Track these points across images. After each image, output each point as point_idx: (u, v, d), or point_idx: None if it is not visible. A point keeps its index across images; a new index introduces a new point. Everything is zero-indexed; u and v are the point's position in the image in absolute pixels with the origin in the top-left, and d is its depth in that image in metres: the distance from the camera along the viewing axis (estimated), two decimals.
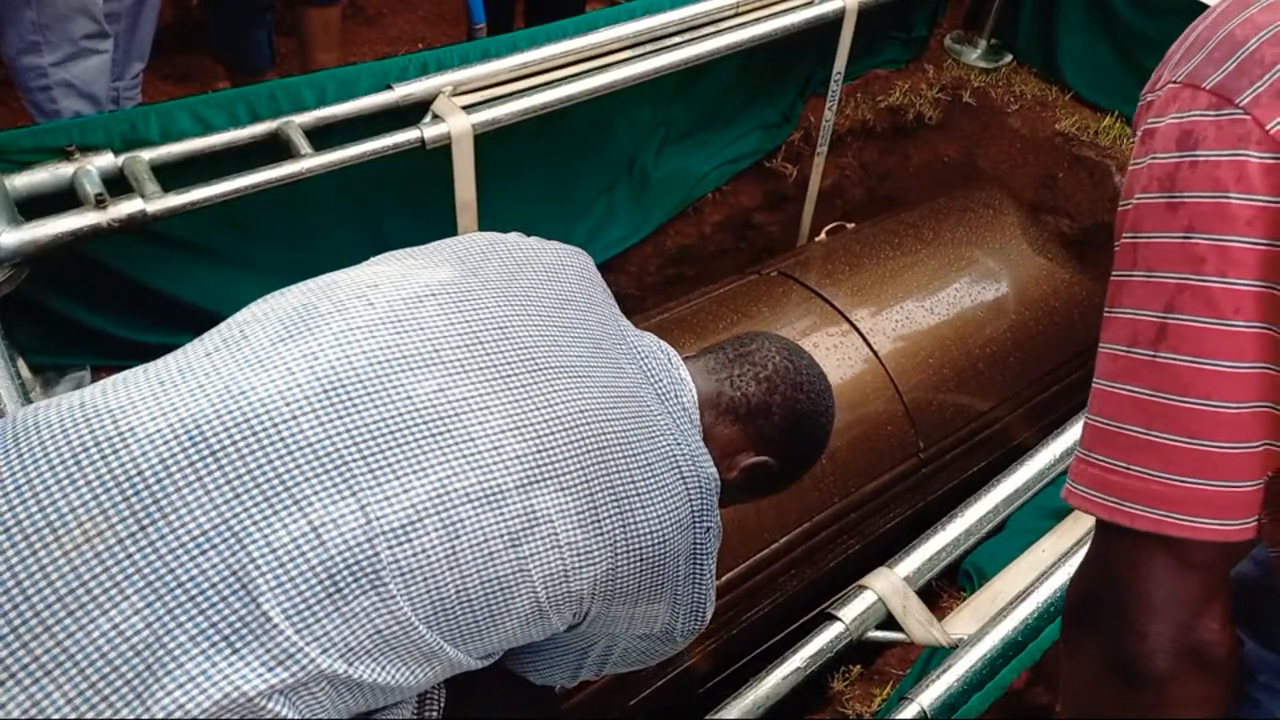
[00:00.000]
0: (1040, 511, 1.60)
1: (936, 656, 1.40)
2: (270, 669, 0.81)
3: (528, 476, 0.89)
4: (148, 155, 1.69)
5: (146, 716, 0.78)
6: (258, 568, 0.81)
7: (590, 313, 1.05)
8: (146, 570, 0.80)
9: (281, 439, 0.84)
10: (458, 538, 0.86)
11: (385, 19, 3.59)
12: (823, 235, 2.67)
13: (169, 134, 1.73)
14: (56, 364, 1.87)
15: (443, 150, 1.92)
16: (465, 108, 1.94)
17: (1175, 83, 0.73)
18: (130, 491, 0.81)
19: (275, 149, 1.79)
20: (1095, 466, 0.74)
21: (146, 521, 0.81)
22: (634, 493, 0.95)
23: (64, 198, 1.62)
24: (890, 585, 1.47)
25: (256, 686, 0.80)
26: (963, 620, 1.44)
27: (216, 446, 0.83)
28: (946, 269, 2.45)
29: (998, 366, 2.37)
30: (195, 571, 0.80)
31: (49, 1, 2.00)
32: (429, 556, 0.85)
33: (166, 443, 0.83)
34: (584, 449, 0.93)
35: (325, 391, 0.87)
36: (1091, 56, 2.91)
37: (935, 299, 2.38)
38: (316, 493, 0.83)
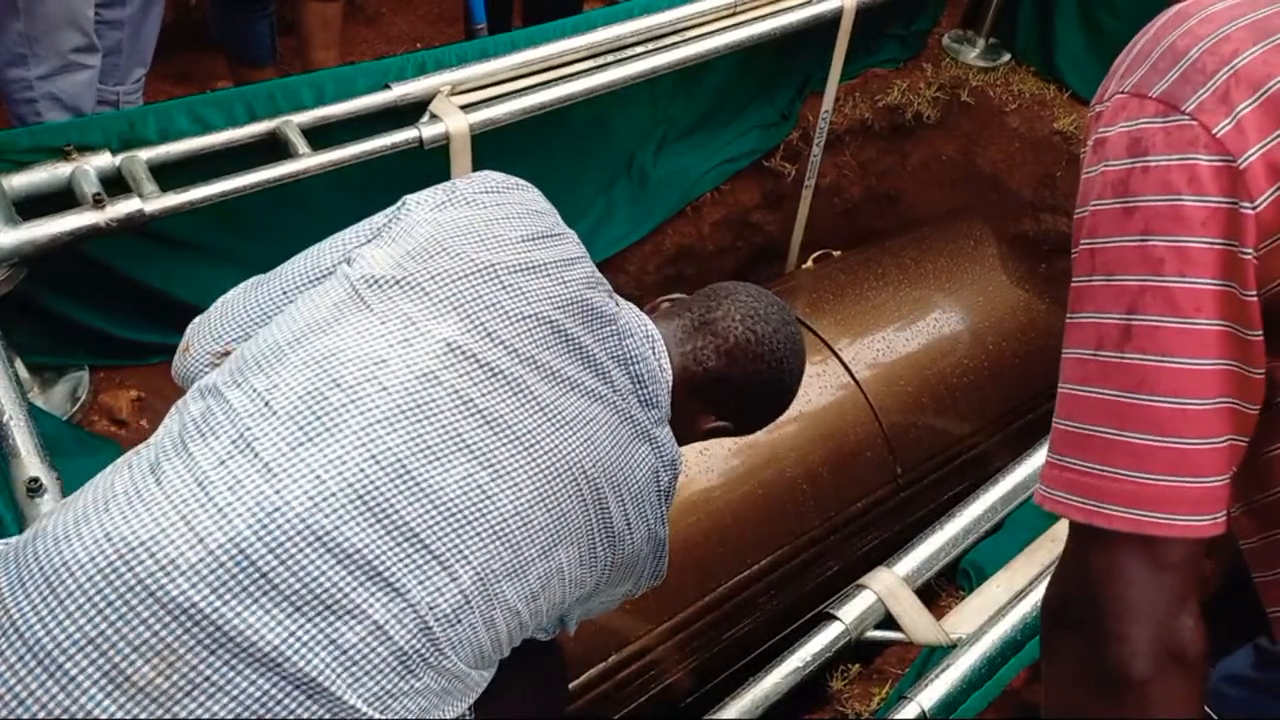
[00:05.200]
0: (1039, 510, 1.60)
1: (936, 655, 1.40)
2: None
3: (549, 543, 0.97)
4: (146, 155, 1.69)
5: None
6: (333, 670, 0.85)
7: (587, 326, 1.04)
8: (229, 687, 0.82)
9: (328, 549, 0.86)
10: (496, 609, 0.94)
11: (384, 18, 3.58)
12: (810, 263, 2.71)
13: (167, 134, 1.73)
14: (54, 364, 1.87)
15: (441, 150, 1.92)
16: (463, 107, 1.94)
17: (1122, 93, 0.76)
18: (189, 623, 0.82)
19: (273, 148, 1.79)
20: (1069, 470, 0.76)
21: (215, 645, 0.82)
22: (625, 526, 1.04)
23: (62, 198, 1.62)
24: (889, 584, 1.47)
25: None
26: (962, 619, 1.44)
27: (265, 568, 0.84)
28: (927, 300, 2.51)
29: (974, 395, 2.43)
30: (277, 679, 0.83)
31: (38, 13, 1.97)
32: (475, 630, 0.93)
33: (213, 571, 0.83)
34: (589, 502, 1.00)
35: (360, 498, 0.88)
36: (1090, 55, 2.91)
37: (915, 329, 2.44)
38: (373, 594, 0.87)
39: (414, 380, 0.93)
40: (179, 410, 0.96)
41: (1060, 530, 1.52)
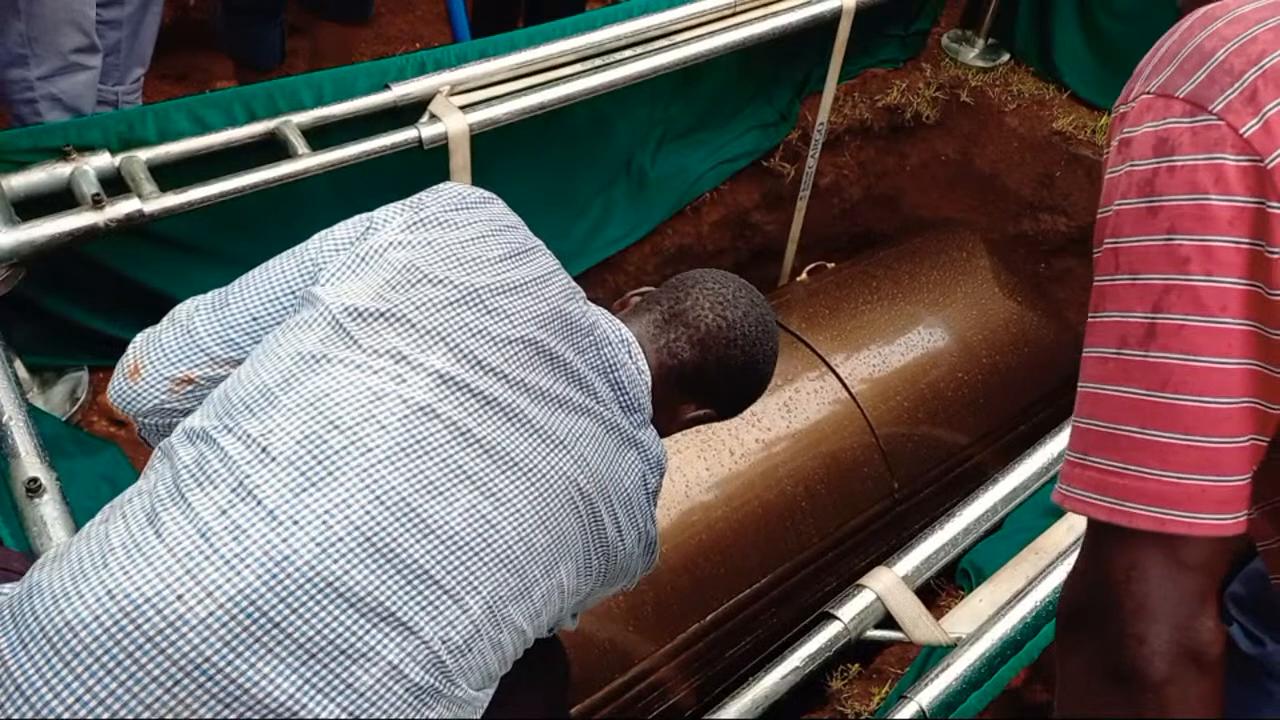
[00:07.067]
0: (1038, 510, 1.61)
1: (935, 655, 1.40)
2: None
3: (550, 562, 0.98)
4: (145, 155, 1.69)
5: None
6: (349, 715, 0.85)
7: (568, 340, 1.05)
8: None
9: (340, 594, 0.86)
10: (503, 632, 0.95)
11: (383, 19, 3.58)
12: (804, 276, 2.72)
13: (166, 134, 1.73)
14: (54, 364, 1.87)
15: (440, 150, 1.92)
16: (462, 107, 1.94)
17: (1149, 94, 0.76)
18: (203, 678, 0.81)
19: (273, 149, 1.79)
20: (1091, 469, 0.75)
21: (229, 699, 0.82)
22: (617, 534, 1.06)
23: (61, 198, 1.62)
24: (889, 584, 1.48)
25: None
26: (961, 619, 1.44)
27: (277, 618, 0.84)
28: (920, 314, 2.52)
29: (969, 408, 2.44)
30: None
31: (38, 14, 1.96)
32: (484, 655, 0.94)
33: (224, 624, 0.83)
34: (584, 517, 1.02)
35: (367, 540, 0.88)
36: (1088, 55, 2.91)
37: (909, 343, 2.46)
38: (386, 635, 0.87)
39: (411, 415, 0.93)
40: (168, 455, 0.94)
41: (1048, 540, 1.53)
